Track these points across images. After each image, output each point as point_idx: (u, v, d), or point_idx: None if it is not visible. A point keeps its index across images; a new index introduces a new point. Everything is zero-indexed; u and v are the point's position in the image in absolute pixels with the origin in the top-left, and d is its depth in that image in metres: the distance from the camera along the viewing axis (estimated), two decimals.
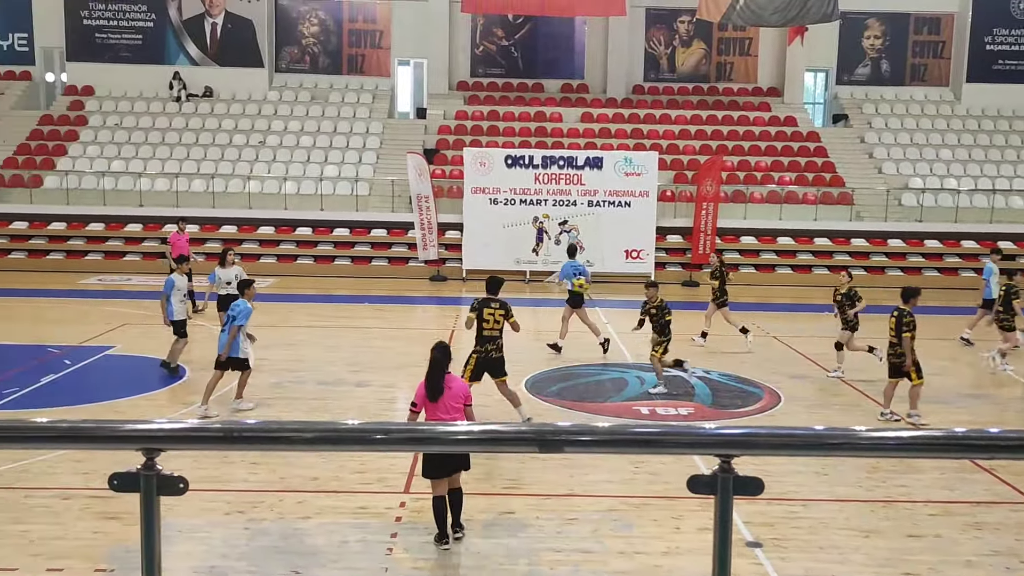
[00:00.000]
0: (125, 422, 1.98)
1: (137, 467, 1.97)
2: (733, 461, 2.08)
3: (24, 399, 11.42)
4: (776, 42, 29.84)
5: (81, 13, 29.11)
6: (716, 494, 2.07)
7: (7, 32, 29.98)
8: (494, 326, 10.39)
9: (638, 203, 23.44)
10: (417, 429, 1.99)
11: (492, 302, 10.50)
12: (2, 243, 24.65)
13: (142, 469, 1.96)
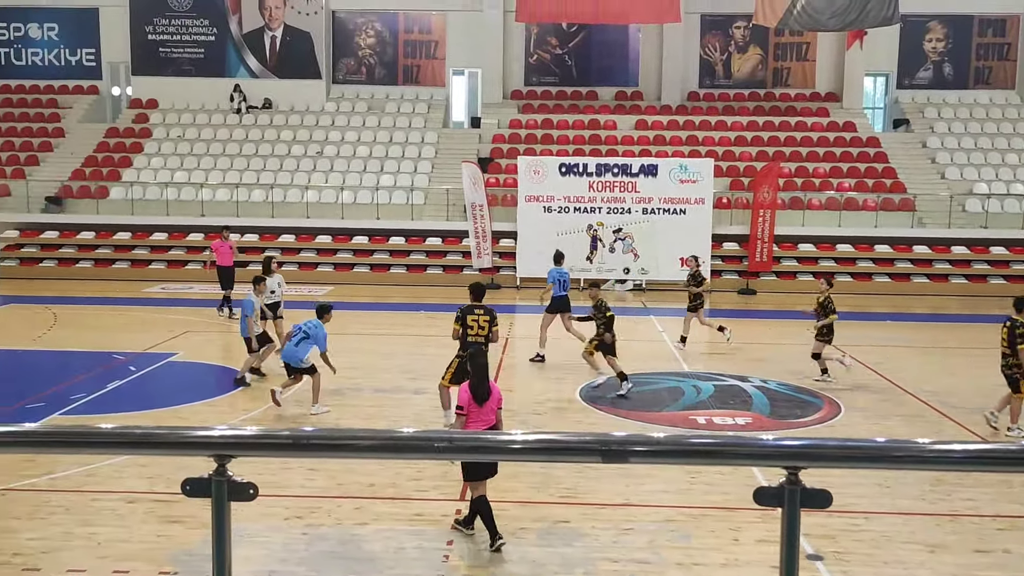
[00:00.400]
0: (198, 429, 2.03)
1: (209, 473, 2.02)
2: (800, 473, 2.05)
3: (91, 404, 11.73)
4: (834, 46, 29.40)
5: (146, 28, 29.90)
6: (783, 506, 2.04)
7: (76, 48, 30.94)
8: (479, 332, 10.36)
9: (693, 210, 23.25)
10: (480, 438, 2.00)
11: (476, 308, 10.50)
12: (70, 252, 25.38)
13: (214, 475, 2.00)
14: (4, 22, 30.87)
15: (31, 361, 14.76)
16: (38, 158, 27.85)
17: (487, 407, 7.58)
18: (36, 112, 29.92)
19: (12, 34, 30.99)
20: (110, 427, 2.01)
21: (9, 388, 12.91)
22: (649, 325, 18.75)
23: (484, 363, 7.78)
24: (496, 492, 8.55)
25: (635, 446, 1.95)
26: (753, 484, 7.89)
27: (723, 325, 16.03)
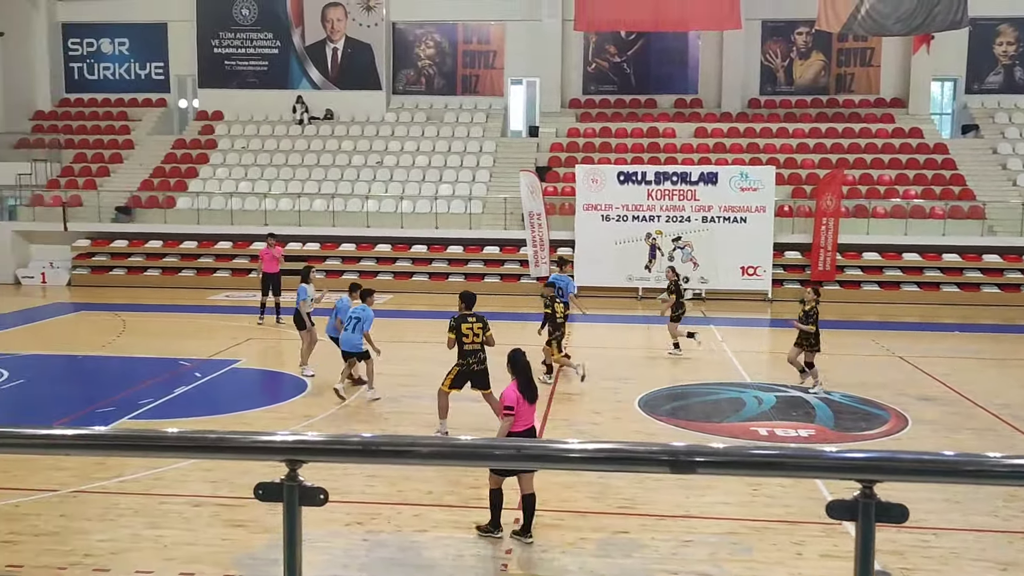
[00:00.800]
0: (270, 434, 2.07)
1: (280, 478, 2.05)
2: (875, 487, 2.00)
3: (158, 409, 12.01)
4: (900, 51, 28.79)
5: (212, 42, 30.63)
6: (857, 520, 1.99)
7: (145, 62, 31.84)
8: (474, 340, 10.47)
9: (754, 219, 22.96)
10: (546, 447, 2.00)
11: (469, 317, 10.56)
12: (138, 261, 26.07)
13: (285, 480, 2.03)
14: (77, 38, 31.91)
15: (101, 367, 15.18)
16: (109, 169, 28.69)
17: (534, 406, 7.87)
18: (107, 125, 30.85)
19: (85, 49, 32.02)
20: (188, 432, 2.06)
21: (81, 393, 13.30)
22: (709, 335, 18.53)
23: (527, 363, 7.95)
24: (555, 502, 8.53)
25: (705, 456, 1.92)
26: (817, 497, 7.77)
27: (692, 331, 16.18)
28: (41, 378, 14.02)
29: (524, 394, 7.73)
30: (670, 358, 16.31)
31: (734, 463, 1.97)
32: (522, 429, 7.87)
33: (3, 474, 9.14)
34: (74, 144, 29.97)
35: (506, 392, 7.85)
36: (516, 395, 7.73)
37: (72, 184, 27.76)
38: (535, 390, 7.84)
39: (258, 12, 30.47)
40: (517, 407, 7.71)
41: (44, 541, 7.56)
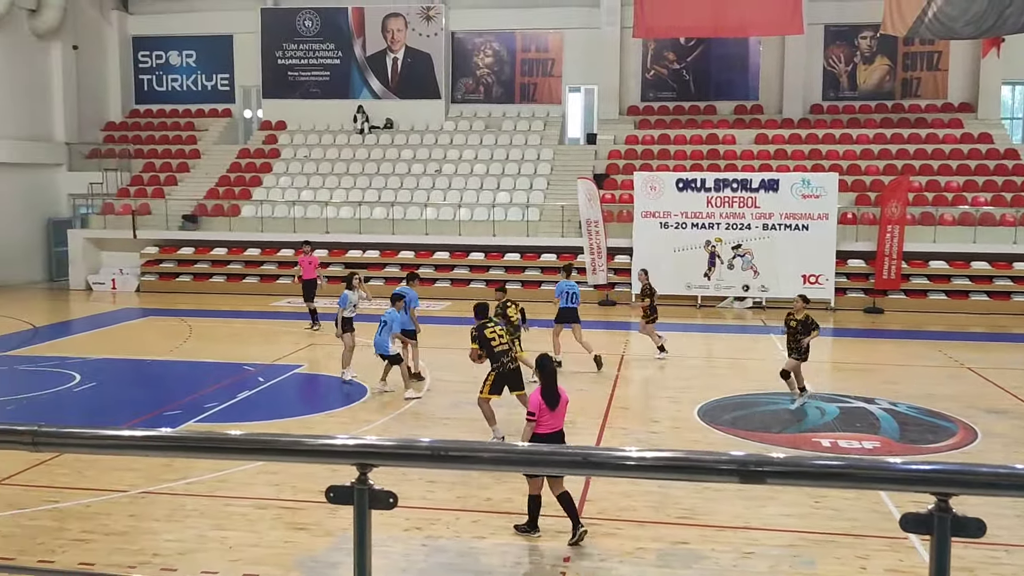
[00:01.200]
0: (342, 438, 2.11)
1: (351, 481, 2.09)
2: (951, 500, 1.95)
3: (222, 413, 12.27)
4: (968, 55, 28.08)
5: (276, 54, 31.25)
6: (932, 534, 1.95)
7: (212, 73, 32.62)
8: (501, 341, 10.81)
9: (817, 226, 22.58)
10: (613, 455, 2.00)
11: (488, 322, 10.93)
12: (204, 267, 26.68)
13: (356, 483, 2.07)
14: (147, 51, 32.83)
15: (168, 371, 15.56)
16: (176, 178, 29.42)
17: (558, 411, 8.01)
18: (175, 135, 31.66)
19: (154, 62, 32.92)
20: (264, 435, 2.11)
21: (149, 396, 13.65)
22: (769, 344, 18.28)
23: (552, 369, 8.13)
24: (613, 511, 8.50)
25: (774, 466, 1.90)
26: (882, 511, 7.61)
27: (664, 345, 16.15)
28: (111, 381, 14.42)
29: (546, 399, 7.92)
30: (729, 367, 16.14)
31: (805, 473, 1.94)
32: (547, 432, 8.03)
33: (76, 474, 9.43)
34: (143, 154, 30.82)
35: (531, 397, 8.09)
36: (539, 400, 7.93)
37: (141, 193, 28.54)
38: (556, 395, 7.96)
39: (320, 24, 31.00)
40: (539, 412, 7.92)
41: (114, 540, 7.78)
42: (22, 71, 28.22)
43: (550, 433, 8.04)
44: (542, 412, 7.93)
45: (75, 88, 30.36)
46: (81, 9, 30.53)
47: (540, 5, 30.05)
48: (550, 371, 8.08)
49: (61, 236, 28.22)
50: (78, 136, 30.53)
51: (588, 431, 11.61)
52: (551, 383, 7.99)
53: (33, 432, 2.24)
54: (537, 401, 7.95)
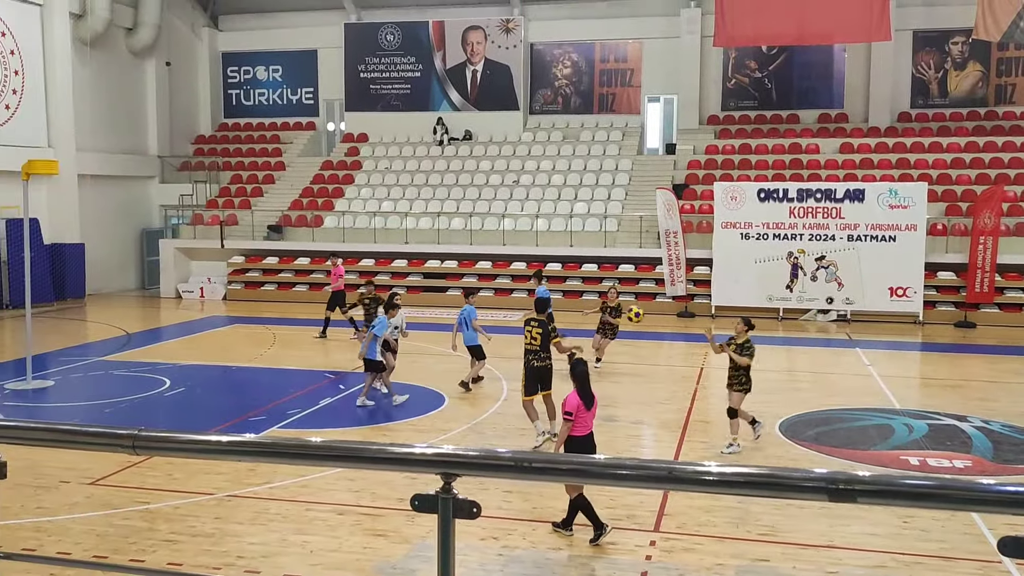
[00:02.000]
0: (426, 447, 2.15)
1: (435, 490, 2.12)
2: None
3: (305, 420, 12.54)
4: None
5: (358, 68, 31.89)
6: None
7: (297, 88, 33.49)
8: (532, 341, 11.30)
9: (904, 237, 21.93)
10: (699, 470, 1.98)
11: (532, 321, 11.45)
12: (288, 277, 27.32)
13: (440, 492, 2.10)
14: (236, 66, 33.89)
15: (253, 377, 15.97)
16: (262, 190, 30.23)
17: (592, 412, 8.36)
18: (261, 148, 32.56)
19: (242, 77, 33.95)
20: (352, 443, 2.16)
21: (235, 402, 14.04)
22: (854, 358, 17.81)
23: (586, 370, 8.44)
24: (692, 526, 8.39)
25: (866, 485, 1.85)
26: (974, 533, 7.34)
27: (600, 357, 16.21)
28: (199, 387, 14.87)
29: (583, 400, 8.24)
30: (812, 381, 15.78)
31: (897, 492, 1.88)
32: (582, 434, 8.31)
33: (165, 477, 9.75)
34: (231, 166, 31.77)
35: (568, 398, 8.31)
36: (577, 401, 8.22)
37: (229, 204, 29.41)
38: (591, 397, 8.32)
39: (402, 37, 31.51)
40: (576, 413, 8.19)
41: (201, 542, 8.02)
42: (118, 87, 29.42)
43: (584, 435, 8.33)
44: (579, 412, 8.22)
45: (167, 103, 31.52)
46: (174, 27, 31.71)
47: (619, 15, 29.98)
48: (580, 374, 8.37)
49: (153, 246, 29.29)
50: (170, 149, 31.67)
51: (667, 445, 11.50)
52: (587, 384, 8.32)
53: (133, 436, 2.34)
54: (576, 402, 8.23)
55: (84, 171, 27.11)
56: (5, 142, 24.32)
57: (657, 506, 8.85)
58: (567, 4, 30.43)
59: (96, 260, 27.64)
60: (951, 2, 27.25)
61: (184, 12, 32.48)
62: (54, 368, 15.97)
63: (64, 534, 8.17)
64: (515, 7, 30.55)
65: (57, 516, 8.62)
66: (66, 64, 26.43)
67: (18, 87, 25.15)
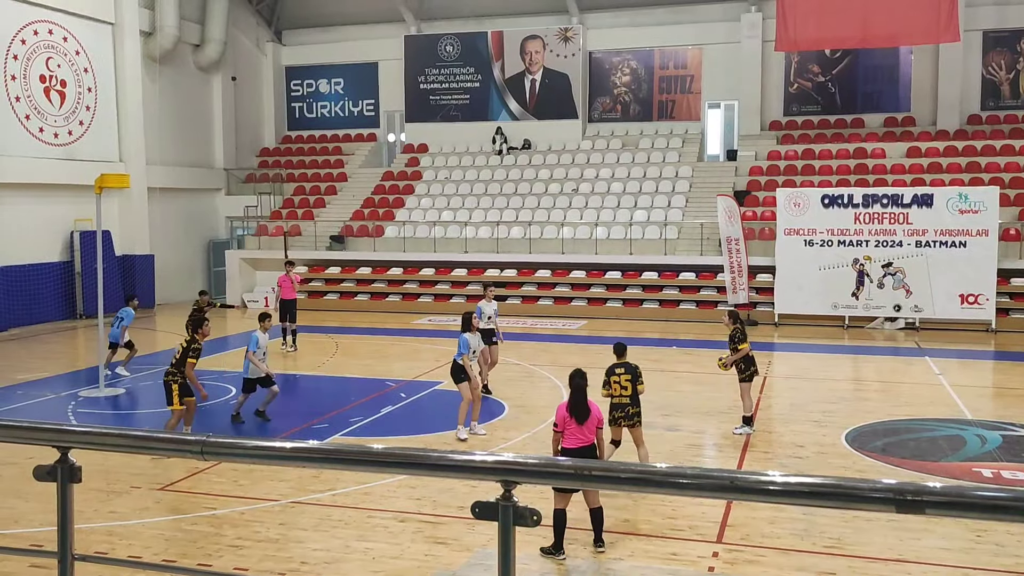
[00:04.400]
0: (487, 454, 2.16)
1: (496, 498, 2.13)
2: None
3: (366, 427, 12.67)
4: None
5: (418, 79, 32.24)
6: None
7: (358, 99, 34.00)
8: (622, 393, 9.74)
9: (975, 243, 21.31)
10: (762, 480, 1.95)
11: (618, 368, 9.89)
12: (349, 286, 27.69)
13: (501, 500, 2.11)
14: (299, 79, 34.55)
15: (317, 385, 16.21)
16: (325, 201, 30.72)
17: (587, 426, 8.12)
18: (324, 159, 33.10)
19: (305, 90, 34.60)
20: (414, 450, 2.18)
21: (298, 409, 14.25)
22: (924, 367, 17.36)
23: (581, 384, 8.23)
24: (756, 537, 8.26)
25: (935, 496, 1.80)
26: None
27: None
28: (264, 395, 15.11)
29: (572, 413, 8.09)
30: (879, 391, 15.43)
31: (968, 504, 1.82)
32: (575, 447, 8.17)
33: (231, 483, 9.94)
34: (295, 178, 32.35)
35: (557, 409, 8.30)
36: (564, 414, 8.15)
37: (292, 215, 29.94)
38: (585, 410, 8.08)
39: (461, 48, 31.77)
40: (564, 425, 8.11)
41: (266, 547, 8.15)
42: (187, 102, 30.21)
43: (579, 447, 8.18)
44: (567, 424, 8.10)
45: (233, 117, 32.25)
46: (239, 43, 32.46)
47: (679, 22, 29.79)
48: (580, 386, 8.22)
49: (220, 256, 29.94)
50: (235, 162, 32.39)
51: (729, 454, 11.35)
52: (580, 397, 8.13)
53: (202, 442, 2.39)
54: (563, 414, 8.16)
55: (154, 184, 27.87)
56: (79, 157, 25.16)
57: (720, 517, 8.73)
58: (626, 11, 30.34)
59: (165, 271, 28.37)
60: (1023, 1, 26.47)
61: (249, 28, 33.23)
62: (125, 376, 16.40)
63: (135, 538, 8.38)
64: (573, 16, 30.57)
65: (128, 520, 8.85)
66: (136, 81, 27.24)
67: (91, 104, 26.00)
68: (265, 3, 33.49)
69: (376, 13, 32.59)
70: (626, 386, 9.75)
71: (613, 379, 9.81)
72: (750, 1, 28.71)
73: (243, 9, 32.68)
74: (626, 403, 9.74)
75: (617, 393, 9.78)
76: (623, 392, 9.75)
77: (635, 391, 9.76)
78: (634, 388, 9.77)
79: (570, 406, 8.14)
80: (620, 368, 9.88)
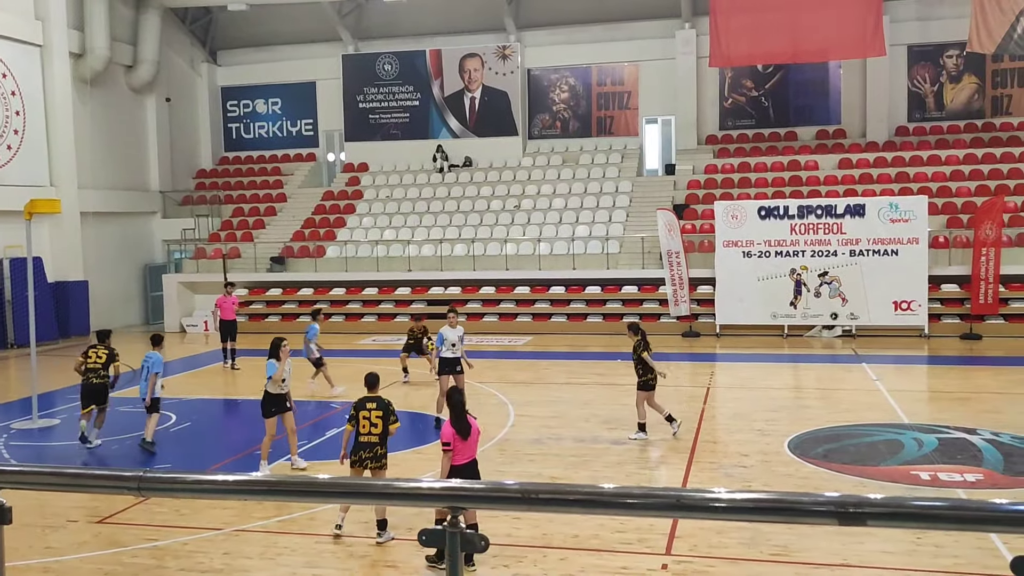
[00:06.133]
0: (432, 481, 2.14)
1: (443, 524, 2.11)
2: None
3: (311, 451, 12.49)
4: None
5: (357, 98, 32.10)
6: None
7: (296, 119, 33.71)
8: (371, 430, 8.85)
9: (907, 251, 21.92)
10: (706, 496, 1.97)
11: (368, 402, 9.04)
12: (291, 308, 27.33)
13: (448, 526, 2.08)
14: (235, 100, 34.13)
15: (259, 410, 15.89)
16: (264, 222, 30.33)
17: (470, 441, 8.24)
18: (262, 180, 32.71)
19: (242, 110, 34.19)
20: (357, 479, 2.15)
21: (240, 435, 13.98)
22: (861, 373, 17.75)
23: (461, 400, 8.36)
24: (704, 547, 8.32)
25: (876, 508, 1.84)
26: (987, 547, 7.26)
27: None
28: (205, 421, 14.84)
29: (457, 430, 8.16)
30: (819, 398, 15.73)
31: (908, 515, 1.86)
32: (463, 463, 8.25)
33: (173, 513, 9.70)
34: (233, 199, 31.89)
35: (444, 429, 8.32)
36: (451, 431, 8.17)
37: (231, 237, 29.48)
38: (466, 426, 8.17)
39: (399, 67, 31.74)
40: (453, 443, 8.15)
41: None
42: (119, 124, 29.60)
43: (465, 464, 8.27)
44: (456, 442, 8.16)
45: (168, 138, 31.70)
46: (173, 63, 31.96)
47: (615, 39, 30.19)
48: (461, 403, 8.32)
49: (156, 281, 29.32)
50: (171, 184, 31.81)
51: (675, 466, 11.44)
52: (462, 414, 8.22)
53: (139, 478, 2.33)
54: (450, 432, 8.18)
55: (86, 209, 27.21)
56: (7, 182, 24.45)
57: (668, 529, 8.78)
58: (563, 29, 30.64)
59: (100, 297, 27.68)
60: (945, 16, 27.42)
61: (183, 48, 32.75)
62: (60, 406, 15.95)
63: (72, 574, 8.12)
64: (511, 33, 30.78)
65: (65, 556, 8.58)
66: (67, 103, 26.61)
67: (19, 127, 25.32)
68: (199, 23, 33.05)
69: (313, 32, 32.40)
70: (376, 423, 8.83)
71: (363, 414, 8.87)
72: (684, 18, 29.23)
73: (176, 29, 32.21)
74: (375, 442, 8.82)
75: (366, 431, 8.82)
76: (372, 430, 8.82)
77: (386, 430, 8.86)
78: (385, 427, 8.84)
79: (454, 422, 8.21)
80: (371, 403, 9.00)
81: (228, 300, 20.15)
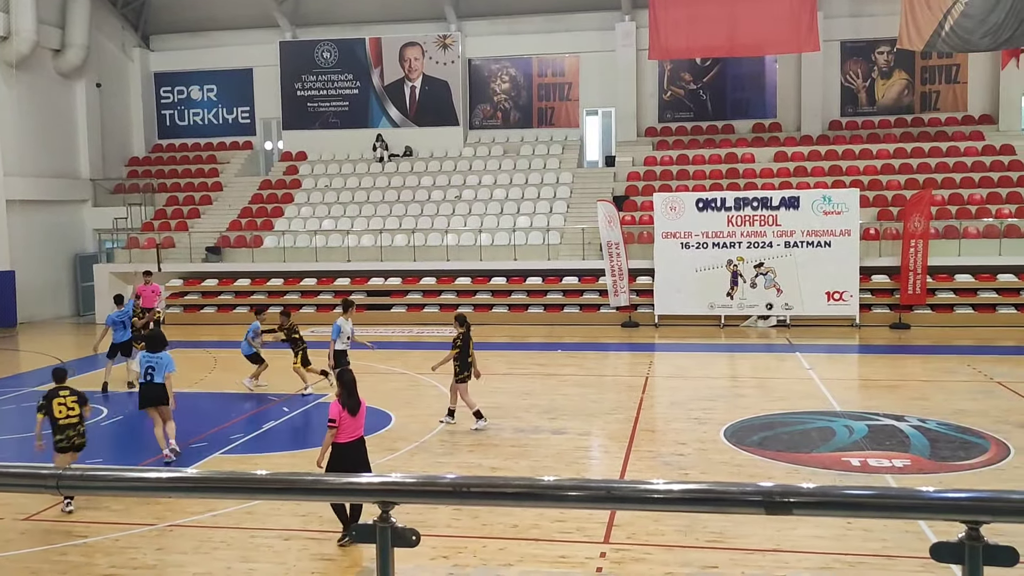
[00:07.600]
0: (364, 476, 2.11)
1: (373, 519, 2.08)
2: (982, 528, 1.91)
3: (249, 444, 12.31)
4: (988, 67, 27.94)
5: (295, 86, 31.62)
6: (964, 564, 1.91)
7: (232, 107, 33.07)
8: (69, 415, 9.67)
9: (839, 242, 22.43)
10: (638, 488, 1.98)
11: (62, 391, 9.76)
12: (228, 299, 26.85)
13: (378, 521, 2.06)
14: (169, 86, 33.34)
15: (194, 403, 15.61)
16: (199, 211, 29.73)
17: (358, 418, 8.36)
18: (197, 168, 32.04)
19: (176, 97, 33.42)
20: (285, 474, 2.11)
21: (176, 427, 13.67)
22: (795, 362, 18.13)
23: (352, 378, 8.53)
24: (641, 535, 8.42)
25: (800, 497, 1.87)
26: (915, 531, 7.47)
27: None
28: (138, 414, 14.46)
29: (346, 407, 8.26)
30: (755, 387, 16.02)
31: (833, 504, 1.91)
32: (349, 440, 8.33)
33: (103, 509, 9.47)
34: (167, 188, 31.19)
35: (331, 405, 8.39)
36: (339, 408, 8.26)
37: (165, 226, 28.84)
38: (356, 403, 8.33)
39: (339, 55, 31.34)
40: (339, 419, 8.23)
41: (143, 574, 7.80)
42: (47, 110, 28.69)
43: (351, 441, 8.35)
44: (343, 420, 8.24)
45: (99, 125, 30.81)
46: (104, 48, 31.06)
47: (555, 30, 30.23)
48: (353, 380, 8.49)
49: (87, 271, 28.55)
50: (102, 172, 30.95)
51: (614, 455, 11.54)
52: (354, 391, 8.39)
53: (57, 476, 2.25)
54: (337, 409, 8.27)
55: (12, 196, 26.35)
56: None
57: (607, 518, 8.86)
58: (503, 19, 30.58)
59: (27, 287, 26.85)
60: (876, 13, 28.07)
61: (114, 32, 31.86)
62: None
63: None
64: (452, 23, 30.62)
65: None
66: None
67: None
68: (131, 7, 32.17)
69: (249, 18, 31.79)
70: (72, 407, 9.67)
71: (57, 401, 9.61)
72: (624, 11, 29.40)
73: (107, 13, 31.30)
74: (75, 422, 9.69)
75: (64, 415, 9.61)
76: (70, 413, 9.65)
77: (81, 413, 9.72)
78: (81, 410, 9.71)
79: (343, 400, 8.29)
80: (64, 391, 9.75)
81: (148, 288, 19.61)
